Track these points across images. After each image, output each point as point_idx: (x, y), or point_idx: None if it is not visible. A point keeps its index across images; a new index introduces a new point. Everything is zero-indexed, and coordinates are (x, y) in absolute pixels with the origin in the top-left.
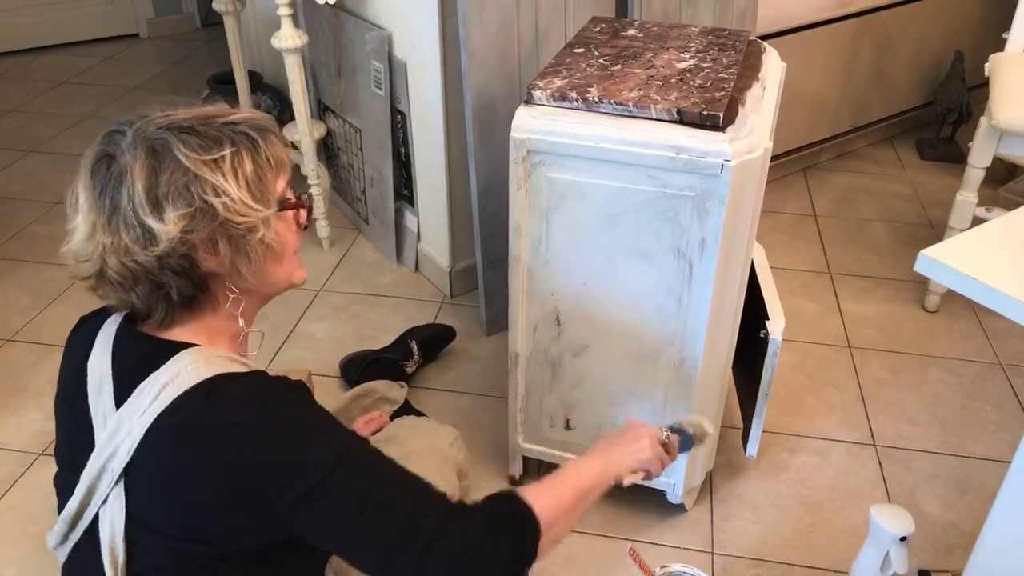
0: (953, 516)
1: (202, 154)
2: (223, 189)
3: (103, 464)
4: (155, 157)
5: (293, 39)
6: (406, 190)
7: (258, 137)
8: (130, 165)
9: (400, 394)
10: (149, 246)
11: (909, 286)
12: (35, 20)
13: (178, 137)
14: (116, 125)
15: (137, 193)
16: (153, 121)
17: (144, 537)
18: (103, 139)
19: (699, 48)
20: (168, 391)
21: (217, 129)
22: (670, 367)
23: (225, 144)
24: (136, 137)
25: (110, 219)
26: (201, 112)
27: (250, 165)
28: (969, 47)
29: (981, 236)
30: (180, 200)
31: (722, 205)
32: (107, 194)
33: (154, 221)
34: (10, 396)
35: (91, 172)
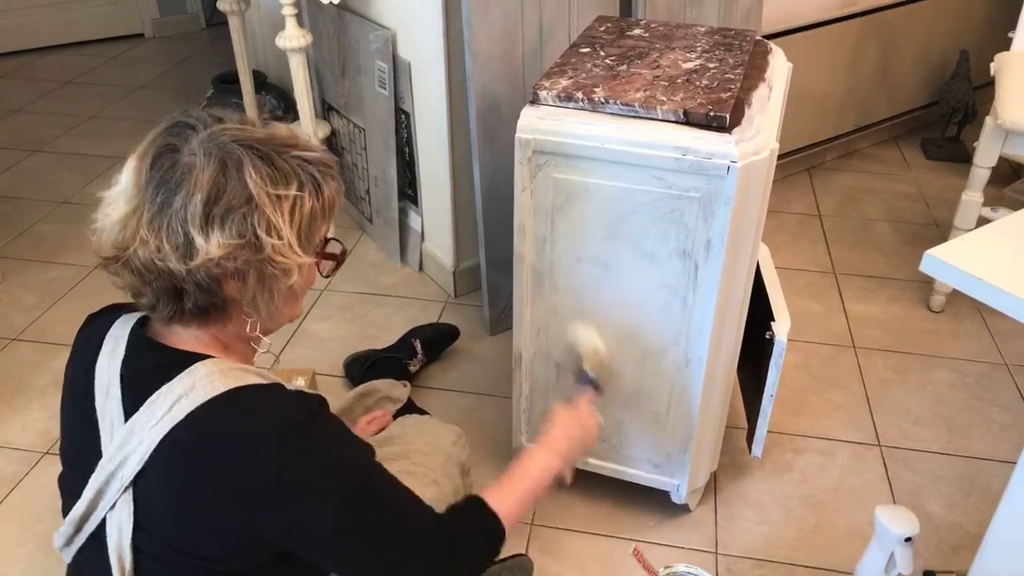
0: (958, 517)
1: (269, 185)
2: (277, 228)
3: (112, 471)
4: (224, 172)
5: (297, 39)
6: (410, 190)
7: (323, 181)
8: (196, 171)
9: (403, 393)
10: (184, 258)
11: (914, 286)
12: (40, 20)
13: (252, 159)
14: (188, 116)
15: (194, 203)
16: (229, 130)
17: (151, 546)
18: (172, 128)
19: (705, 48)
20: (182, 404)
21: (289, 161)
22: (675, 367)
23: (293, 182)
24: (211, 143)
25: (155, 216)
26: (277, 135)
27: (308, 210)
28: (974, 46)
29: (986, 236)
30: (233, 226)
31: (728, 206)
32: (161, 191)
33: (199, 237)
34: (15, 395)
35: (152, 160)
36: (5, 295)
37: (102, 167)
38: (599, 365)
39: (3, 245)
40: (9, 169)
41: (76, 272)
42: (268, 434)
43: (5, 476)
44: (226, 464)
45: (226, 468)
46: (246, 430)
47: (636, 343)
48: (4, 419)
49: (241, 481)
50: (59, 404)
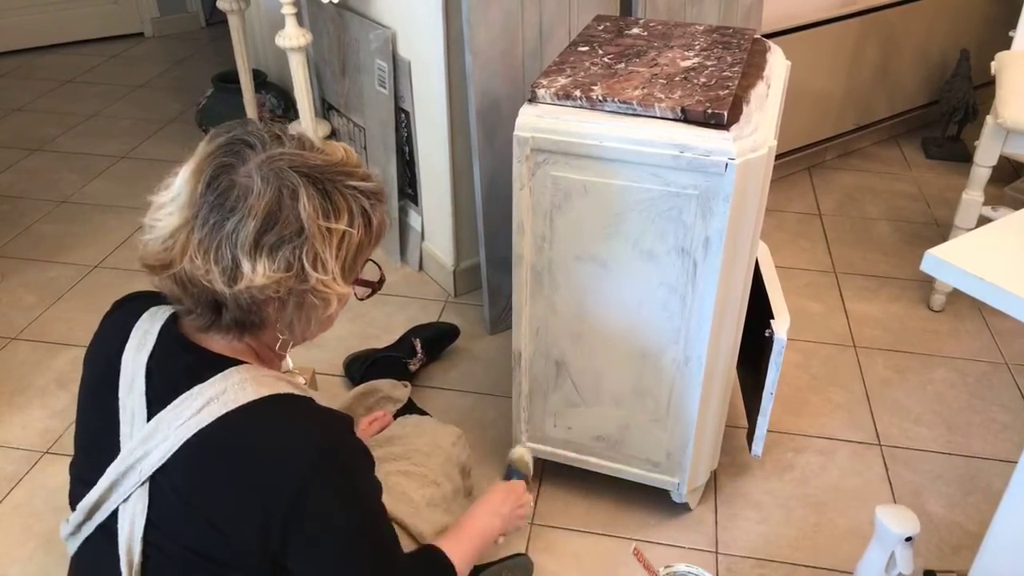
0: (959, 516)
1: (321, 218)
2: (324, 261)
3: (132, 464)
4: (279, 201)
5: (297, 38)
6: (410, 189)
7: (373, 213)
8: (252, 197)
9: (403, 393)
10: (230, 280)
11: (914, 285)
12: (40, 19)
13: (307, 188)
14: (248, 134)
15: (246, 229)
16: (287, 155)
17: (161, 541)
18: (232, 144)
19: (703, 46)
20: (213, 407)
21: (343, 192)
22: (675, 366)
23: (344, 215)
24: (268, 167)
25: (205, 237)
26: (333, 161)
27: (356, 243)
28: (975, 45)
29: (987, 235)
30: (281, 257)
31: (726, 204)
32: (215, 212)
33: (247, 263)
34: (14, 395)
35: (209, 179)
36: (5, 294)
37: (102, 166)
38: (525, 467)
39: (3, 244)
40: (9, 168)
41: (76, 271)
42: (298, 455)
43: (5, 475)
44: (250, 474)
45: (249, 478)
46: (276, 444)
47: (635, 341)
48: (4, 418)
49: (262, 494)
50: (61, 403)
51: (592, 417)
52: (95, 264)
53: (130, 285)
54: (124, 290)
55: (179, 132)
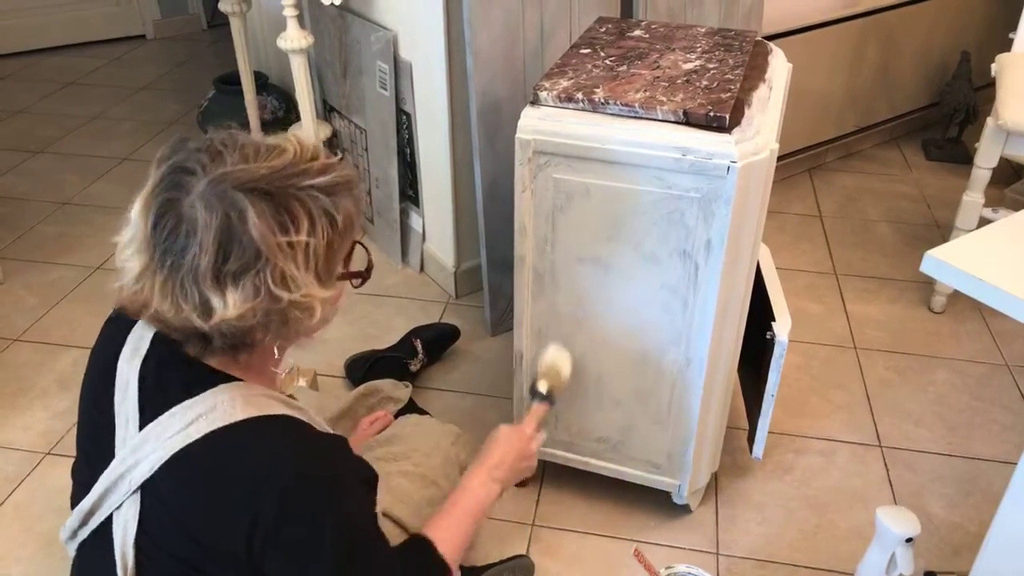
0: (959, 517)
1: (278, 234)
2: (292, 277)
3: (122, 473)
4: (228, 229)
5: (299, 40)
6: (411, 191)
7: (336, 210)
8: (200, 231)
9: (404, 393)
10: (204, 316)
11: (915, 287)
12: (42, 21)
13: (255, 205)
14: (186, 160)
15: (203, 265)
16: (229, 174)
17: (151, 549)
18: (171, 176)
19: (705, 49)
20: (200, 424)
21: (298, 195)
22: (676, 368)
23: (303, 221)
24: (211, 192)
25: (167, 279)
26: (281, 164)
27: (324, 247)
28: (975, 47)
29: (987, 237)
30: (247, 285)
31: (728, 206)
32: (169, 255)
33: (215, 298)
34: (16, 396)
35: (154, 220)
36: (7, 296)
37: (104, 168)
38: (556, 387)
39: (5, 246)
40: (12, 170)
41: (78, 273)
42: (276, 479)
43: (7, 476)
44: (230, 495)
45: (229, 499)
46: (256, 467)
47: (636, 343)
48: (6, 420)
49: (240, 516)
50: (62, 404)
51: (593, 419)
52: (97, 266)
53: None
54: None
55: (181, 134)
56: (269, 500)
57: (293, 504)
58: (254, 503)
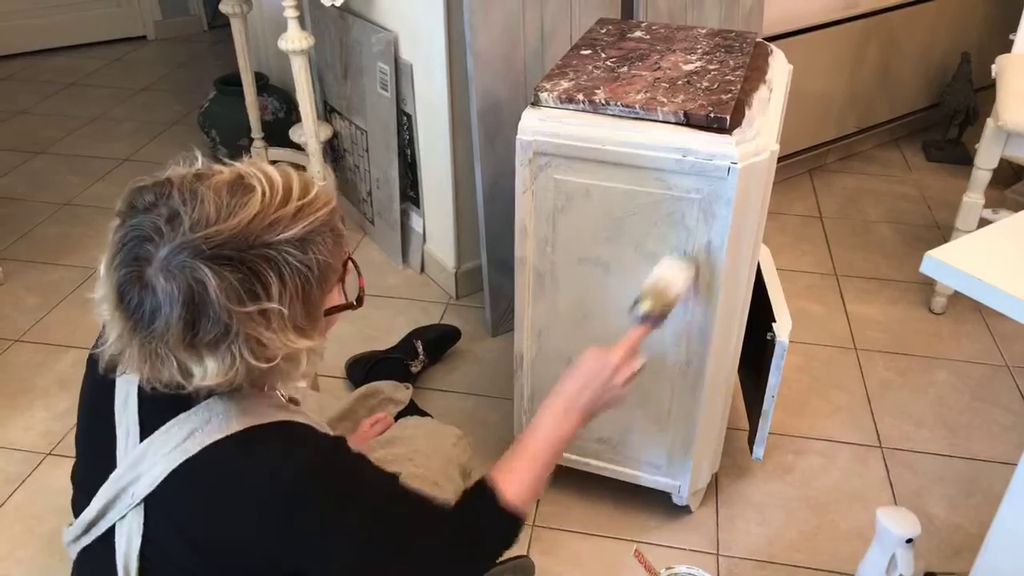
0: (959, 518)
1: (247, 303)
2: (266, 343)
3: (124, 487)
4: (192, 304)
5: (299, 41)
6: (412, 192)
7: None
8: (164, 310)
9: (405, 395)
10: (187, 378)
11: (915, 288)
12: (44, 22)
13: (218, 275)
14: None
15: (174, 339)
16: (188, 242)
17: (158, 560)
18: (129, 246)
19: (706, 50)
20: (197, 438)
21: (265, 255)
22: (676, 369)
23: (272, 284)
24: (171, 263)
25: (142, 348)
26: (243, 221)
27: (299, 304)
28: (976, 48)
29: (988, 238)
30: (223, 354)
31: (729, 207)
32: (139, 329)
33: (193, 365)
34: (17, 397)
35: (118, 298)
36: (8, 296)
37: (105, 169)
38: (659, 307)
39: (6, 247)
40: (13, 171)
41: (79, 274)
42: (280, 481)
43: (8, 477)
44: (236, 505)
45: (236, 509)
46: (258, 473)
47: None
48: (7, 420)
49: (250, 524)
50: (63, 404)
51: (594, 419)
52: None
53: None
54: None
55: (182, 135)
56: (273, 504)
57: (296, 501)
58: (259, 509)
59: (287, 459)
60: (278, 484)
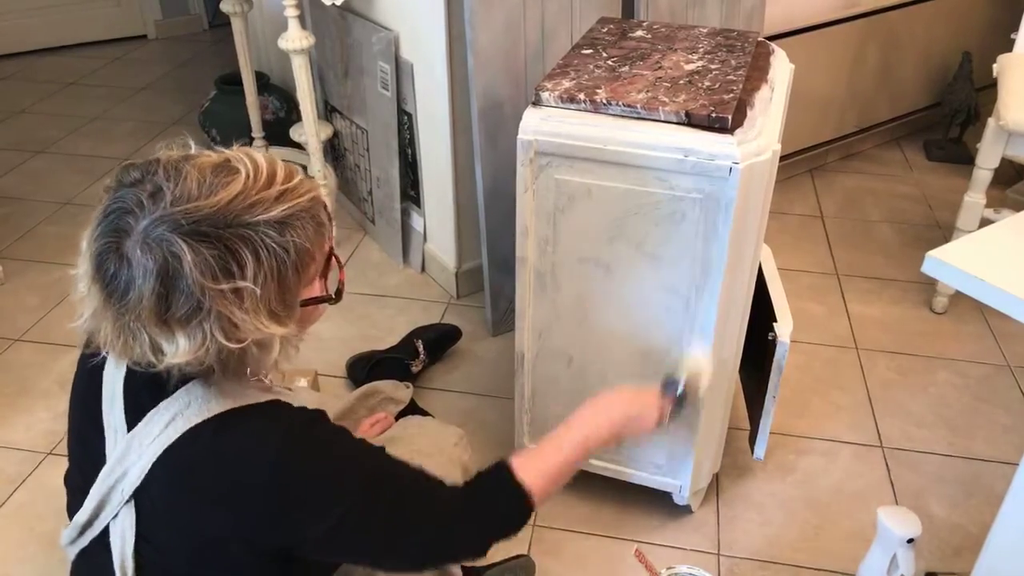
0: (960, 518)
1: (221, 280)
2: (239, 323)
3: (113, 484)
4: (167, 277)
5: (300, 40)
6: (412, 191)
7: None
8: (138, 282)
9: (406, 394)
10: (158, 354)
11: (916, 288)
12: (43, 22)
13: (193, 250)
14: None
15: (145, 313)
16: (168, 215)
17: (153, 555)
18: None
19: (707, 49)
20: (178, 423)
21: (243, 234)
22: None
23: (248, 263)
24: (149, 236)
25: (115, 322)
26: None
27: (276, 286)
28: (977, 48)
29: (989, 237)
30: (195, 331)
31: (730, 207)
32: (113, 301)
33: (165, 342)
34: (18, 396)
35: (95, 267)
36: (8, 296)
37: (105, 168)
38: (692, 377)
39: (7, 246)
40: (13, 170)
41: None
42: (264, 455)
43: (8, 476)
44: (224, 485)
45: (224, 489)
46: (242, 452)
47: (638, 344)
48: (8, 419)
49: (241, 502)
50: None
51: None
52: None
53: None
54: None
55: (182, 134)
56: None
57: (285, 471)
58: (247, 488)
59: (267, 435)
60: (260, 458)
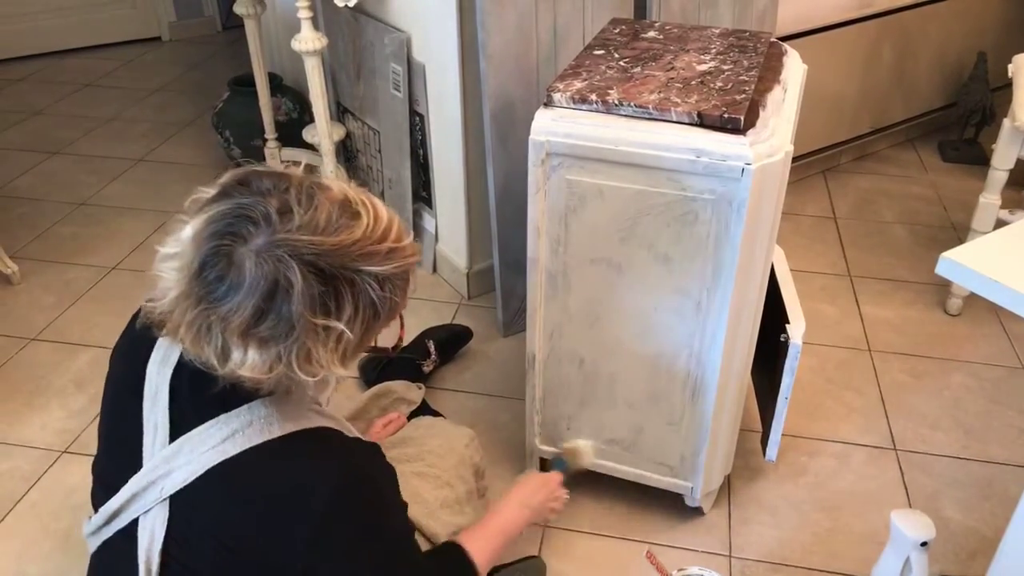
0: (975, 522)
1: (319, 314)
2: (317, 358)
3: (153, 480)
4: (271, 297)
5: (313, 42)
6: (424, 192)
7: (383, 304)
8: (243, 291)
9: (418, 395)
10: (221, 360)
11: (930, 289)
12: (59, 24)
13: (305, 279)
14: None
15: (236, 320)
16: (291, 239)
17: (180, 555)
18: (232, 219)
19: (720, 50)
20: (238, 439)
21: (352, 281)
22: (689, 370)
23: (346, 309)
24: (267, 253)
25: (197, 317)
26: (346, 241)
27: (359, 333)
28: (992, 48)
29: (1004, 239)
30: (270, 351)
31: (742, 209)
32: (206, 299)
33: (237, 351)
34: (34, 395)
35: (203, 262)
36: (24, 295)
37: (120, 169)
38: (573, 460)
39: (22, 246)
40: (29, 171)
41: (94, 273)
42: (318, 494)
43: (24, 475)
44: (271, 511)
45: (270, 514)
46: (297, 483)
47: (650, 345)
48: (23, 418)
49: (283, 530)
50: (79, 403)
51: (606, 420)
52: (113, 266)
53: (147, 287)
54: (142, 292)
55: (196, 135)
56: (313, 512)
57: (336, 513)
58: (297, 516)
59: (328, 466)
60: (319, 490)
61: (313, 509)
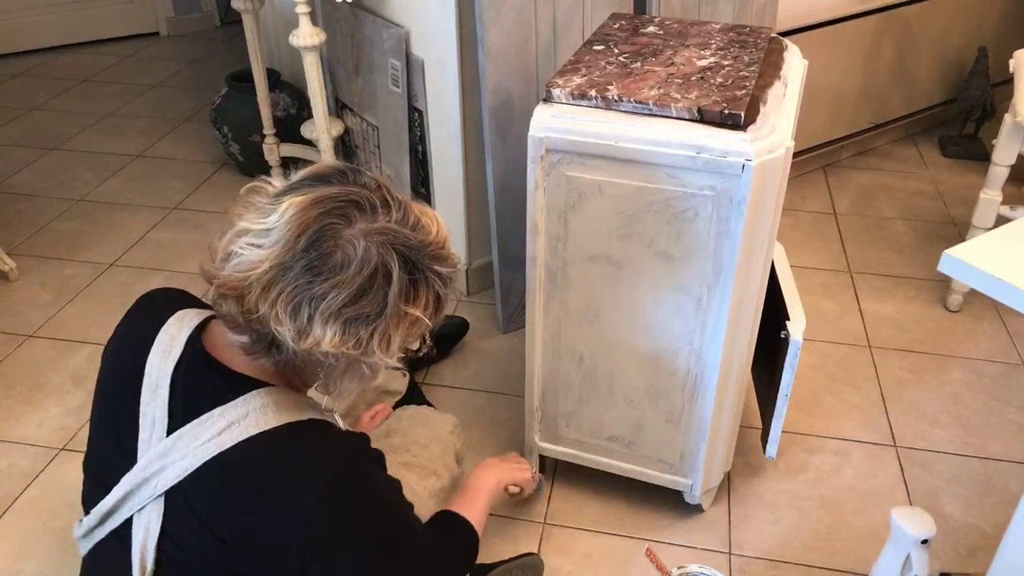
0: (975, 518)
1: (402, 301)
2: (389, 340)
3: (147, 477)
4: (373, 280)
5: (311, 37)
6: (423, 188)
7: (445, 301)
8: (351, 271)
9: (402, 384)
10: (297, 337)
11: (931, 285)
12: (57, 19)
13: (400, 270)
14: (359, 191)
15: (334, 299)
16: (389, 230)
17: (175, 552)
18: (341, 203)
19: (720, 45)
20: (233, 432)
21: (427, 275)
22: (688, 366)
23: (423, 299)
24: (372, 239)
25: (290, 292)
26: (424, 240)
27: (422, 326)
28: (993, 43)
29: (1005, 235)
30: (353, 332)
31: (743, 205)
32: (309, 273)
33: (320, 327)
34: (31, 392)
35: (312, 238)
36: (22, 292)
37: (118, 165)
38: None
39: (20, 242)
40: (26, 167)
41: (92, 270)
42: (311, 485)
43: (21, 472)
44: (266, 502)
45: (265, 506)
46: (292, 474)
47: (649, 342)
48: (21, 415)
49: (278, 522)
50: (76, 400)
51: (605, 417)
52: (111, 262)
53: (145, 283)
54: (139, 288)
55: (193, 131)
56: (307, 503)
57: (331, 504)
58: (292, 507)
59: (322, 458)
60: (314, 481)
61: (308, 499)
